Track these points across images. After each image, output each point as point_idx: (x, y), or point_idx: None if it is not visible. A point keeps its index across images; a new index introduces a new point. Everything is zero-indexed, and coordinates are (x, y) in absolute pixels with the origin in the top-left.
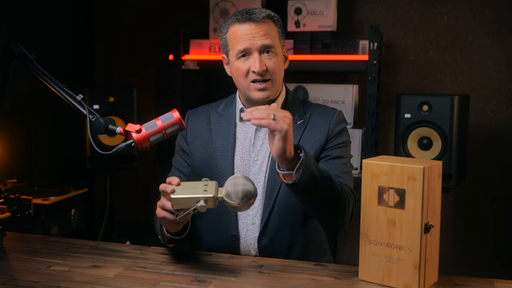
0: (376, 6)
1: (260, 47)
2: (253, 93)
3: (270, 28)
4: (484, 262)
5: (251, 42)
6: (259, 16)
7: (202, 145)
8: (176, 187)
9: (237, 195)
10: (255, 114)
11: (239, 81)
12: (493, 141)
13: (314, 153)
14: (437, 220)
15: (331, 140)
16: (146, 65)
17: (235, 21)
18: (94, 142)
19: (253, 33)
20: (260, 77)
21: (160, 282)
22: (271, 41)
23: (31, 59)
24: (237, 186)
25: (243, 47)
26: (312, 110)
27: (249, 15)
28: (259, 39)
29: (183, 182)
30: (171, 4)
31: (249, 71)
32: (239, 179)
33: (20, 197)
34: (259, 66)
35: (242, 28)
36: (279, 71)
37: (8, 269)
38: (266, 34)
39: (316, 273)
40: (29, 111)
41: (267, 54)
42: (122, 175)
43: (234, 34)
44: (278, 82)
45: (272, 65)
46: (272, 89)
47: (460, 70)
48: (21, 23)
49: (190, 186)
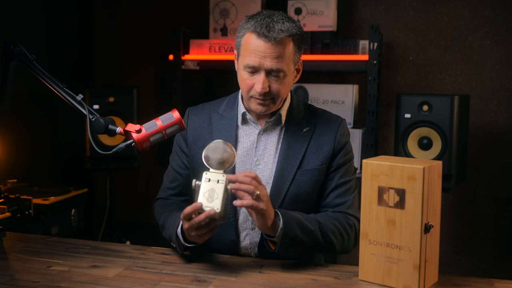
0: (376, 6)
1: (268, 69)
2: (253, 105)
3: (286, 49)
4: (484, 262)
5: (261, 62)
6: (277, 36)
7: (202, 146)
8: (201, 202)
9: (216, 161)
10: (241, 186)
11: (242, 89)
12: (493, 141)
13: (320, 165)
14: (437, 220)
15: (336, 158)
16: (146, 65)
17: (253, 30)
18: (94, 142)
19: (266, 53)
20: (261, 97)
21: (160, 282)
22: (281, 66)
23: (31, 59)
24: (216, 152)
25: (252, 64)
26: (318, 117)
27: (268, 31)
28: (270, 61)
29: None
30: (171, 4)
31: (252, 87)
32: (219, 144)
33: (20, 197)
34: (261, 88)
35: (256, 43)
36: (283, 92)
37: (8, 269)
38: (278, 57)
39: (316, 273)
40: (29, 111)
41: (274, 77)
42: (122, 175)
43: (247, 44)
44: (280, 100)
45: (276, 88)
46: (272, 106)
47: (460, 70)
48: (21, 23)
49: (206, 193)
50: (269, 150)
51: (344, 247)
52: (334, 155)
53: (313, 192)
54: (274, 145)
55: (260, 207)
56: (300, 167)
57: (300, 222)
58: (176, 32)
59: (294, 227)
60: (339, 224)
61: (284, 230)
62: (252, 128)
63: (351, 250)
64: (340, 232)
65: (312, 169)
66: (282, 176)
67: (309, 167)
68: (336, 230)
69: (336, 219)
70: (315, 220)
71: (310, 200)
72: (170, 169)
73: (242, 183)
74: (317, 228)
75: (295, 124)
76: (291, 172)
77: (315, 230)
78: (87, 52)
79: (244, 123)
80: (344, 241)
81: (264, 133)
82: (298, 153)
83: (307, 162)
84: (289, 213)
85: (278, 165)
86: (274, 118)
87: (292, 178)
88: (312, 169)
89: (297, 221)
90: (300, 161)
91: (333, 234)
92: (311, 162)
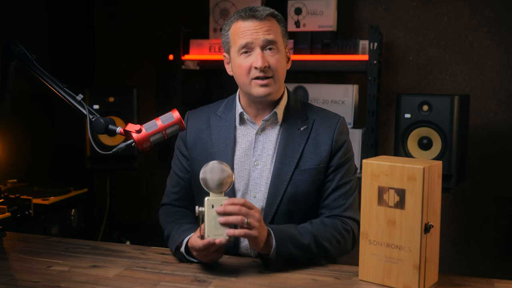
0: (376, 6)
1: (263, 42)
2: (255, 89)
3: (274, 26)
4: (484, 262)
5: (253, 37)
6: (263, 13)
7: (202, 149)
8: (206, 231)
9: (214, 183)
10: (229, 219)
11: (241, 79)
12: (493, 141)
13: (318, 165)
14: (437, 220)
15: (335, 157)
16: (146, 65)
17: (238, 17)
18: (94, 142)
19: (256, 29)
20: (262, 73)
21: (160, 282)
22: (274, 37)
23: (31, 59)
24: (213, 173)
25: (245, 41)
26: (315, 115)
27: (253, 12)
28: (262, 34)
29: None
30: (171, 4)
31: (251, 68)
32: (215, 165)
33: (20, 197)
34: (262, 62)
35: (245, 24)
36: (281, 69)
37: (8, 269)
38: (269, 30)
39: (316, 273)
40: (29, 111)
41: (270, 51)
42: (122, 175)
43: (237, 30)
44: (280, 81)
45: (275, 62)
46: (273, 87)
47: (460, 70)
48: (21, 23)
49: (212, 221)
50: (267, 150)
51: (341, 252)
52: (332, 155)
53: (311, 192)
54: (272, 144)
55: (253, 235)
56: (297, 167)
57: (294, 238)
58: (176, 32)
59: (287, 244)
60: (335, 231)
61: (277, 249)
62: (250, 129)
63: (349, 252)
64: (337, 239)
65: (309, 169)
66: (280, 176)
67: (306, 166)
68: (332, 238)
69: (332, 226)
70: (310, 233)
71: (308, 199)
72: (172, 173)
73: (231, 213)
74: (312, 241)
75: (292, 123)
76: (288, 172)
77: (310, 244)
78: (87, 52)
79: (242, 123)
80: (341, 246)
81: (261, 132)
82: (295, 153)
83: (305, 161)
84: (282, 230)
85: (275, 165)
86: (271, 117)
87: (290, 178)
88: (310, 168)
89: (291, 237)
90: (298, 160)
91: (328, 243)
92: (309, 161)
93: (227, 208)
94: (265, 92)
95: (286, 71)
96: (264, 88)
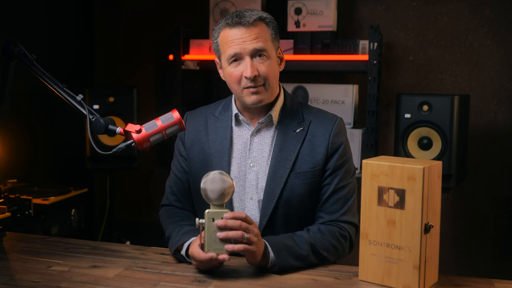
0: (376, 6)
1: (251, 51)
2: (247, 97)
3: (262, 31)
4: (484, 262)
5: (241, 47)
6: (250, 19)
7: (199, 150)
8: (207, 245)
9: (216, 194)
10: (229, 234)
11: (232, 87)
12: (493, 141)
13: (313, 168)
14: (437, 220)
15: (332, 160)
16: (146, 65)
17: (225, 25)
18: (94, 142)
19: (243, 37)
20: (252, 83)
21: (160, 282)
22: (262, 44)
23: (31, 59)
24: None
25: (233, 52)
26: (312, 116)
27: (239, 18)
28: (250, 43)
29: (195, 241)
30: (171, 4)
31: (242, 77)
32: (216, 176)
33: (20, 197)
34: (251, 71)
35: (232, 33)
36: (272, 75)
37: (8, 269)
38: (258, 38)
39: (316, 273)
40: (29, 111)
41: (259, 58)
42: (122, 175)
43: (225, 38)
44: (272, 86)
45: (265, 70)
46: (265, 94)
47: (460, 70)
48: (21, 23)
49: (213, 235)
50: (262, 151)
51: (339, 257)
52: (328, 157)
53: (306, 194)
54: (267, 146)
55: (251, 251)
56: (292, 169)
57: (292, 250)
58: (176, 32)
59: (287, 258)
60: (332, 238)
61: (279, 264)
62: (245, 130)
63: (346, 256)
64: (334, 246)
65: (305, 172)
66: (275, 179)
67: (302, 169)
68: (329, 246)
69: (329, 233)
70: (307, 243)
71: (304, 202)
72: (171, 174)
73: (231, 228)
74: (309, 251)
75: (288, 124)
76: (283, 175)
77: (308, 255)
78: (87, 52)
79: (237, 124)
80: (339, 252)
81: (257, 134)
82: (290, 155)
83: (300, 164)
84: (278, 243)
85: (270, 168)
86: (266, 119)
87: (285, 181)
88: (305, 171)
89: (289, 249)
90: (293, 163)
91: (326, 251)
92: (304, 164)
93: (228, 223)
94: (256, 99)
95: (279, 74)
96: (255, 96)
